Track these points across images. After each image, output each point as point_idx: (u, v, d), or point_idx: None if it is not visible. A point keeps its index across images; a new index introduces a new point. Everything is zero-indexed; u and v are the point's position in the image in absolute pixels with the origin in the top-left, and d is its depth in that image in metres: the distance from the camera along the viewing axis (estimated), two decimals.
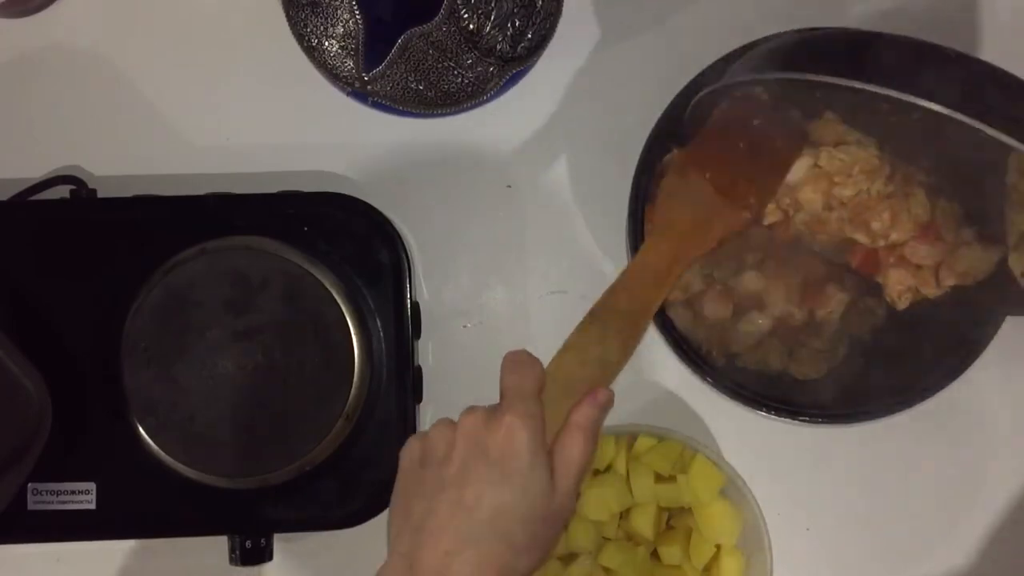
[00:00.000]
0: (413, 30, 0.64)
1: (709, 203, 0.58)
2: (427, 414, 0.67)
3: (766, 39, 0.60)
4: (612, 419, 0.67)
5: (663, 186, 0.61)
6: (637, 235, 0.61)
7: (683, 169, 0.60)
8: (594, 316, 0.52)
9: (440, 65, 0.65)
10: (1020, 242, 0.58)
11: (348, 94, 0.66)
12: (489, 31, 0.64)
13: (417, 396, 0.64)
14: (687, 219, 0.58)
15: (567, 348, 0.51)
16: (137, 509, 0.62)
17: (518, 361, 0.49)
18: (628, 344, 0.52)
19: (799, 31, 0.61)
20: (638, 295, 0.54)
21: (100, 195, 0.65)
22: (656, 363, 0.68)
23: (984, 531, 0.69)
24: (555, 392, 0.49)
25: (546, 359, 0.67)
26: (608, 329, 0.51)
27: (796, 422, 0.61)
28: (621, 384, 0.68)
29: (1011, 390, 0.69)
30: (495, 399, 0.67)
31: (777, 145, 0.60)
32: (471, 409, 0.47)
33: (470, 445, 0.46)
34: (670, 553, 0.64)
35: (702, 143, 0.61)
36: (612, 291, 0.53)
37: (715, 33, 0.62)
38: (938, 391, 0.60)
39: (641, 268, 0.55)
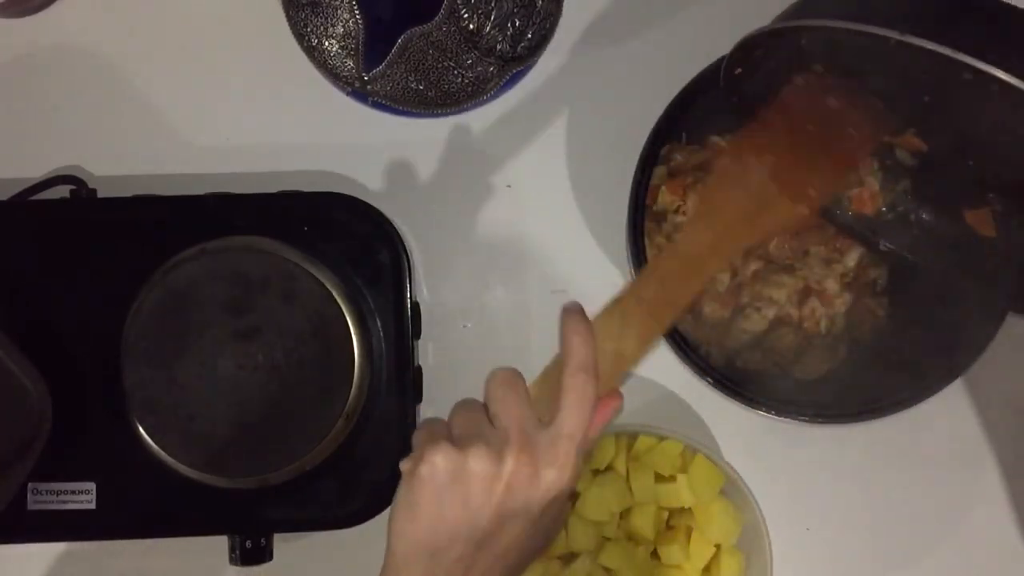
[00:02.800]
0: (413, 30, 0.64)
1: (763, 192, 0.52)
2: (427, 414, 0.67)
3: None
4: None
5: (715, 166, 0.55)
6: (637, 235, 0.61)
7: (740, 150, 0.54)
8: (616, 305, 0.48)
9: (440, 65, 0.65)
10: None
11: (348, 94, 0.66)
12: (489, 31, 0.64)
13: (417, 396, 0.64)
14: (735, 207, 0.51)
15: None
16: (137, 509, 0.62)
17: (585, 395, 0.44)
18: (647, 339, 0.47)
19: None
20: (667, 286, 0.48)
21: (100, 195, 0.65)
22: (656, 363, 0.68)
23: (984, 531, 0.69)
24: None
25: (546, 362, 0.68)
26: (628, 322, 0.47)
27: (796, 422, 0.61)
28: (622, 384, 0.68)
29: (1011, 390, 0.69)
30: None
31: (851, 132, 0.54)
32: (518, 451, 0.42)
33: (514, 499, 0.43)
34: (670, 553, 0.64)
35: (765, 123, 0.54)
36: (641, 279, 0.49)
37: (716, 33, 0.62)
38: (938, 391, 0.60)
39: (675, 256, 0.50)
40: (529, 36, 0.65)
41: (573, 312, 0.46)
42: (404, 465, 0.45)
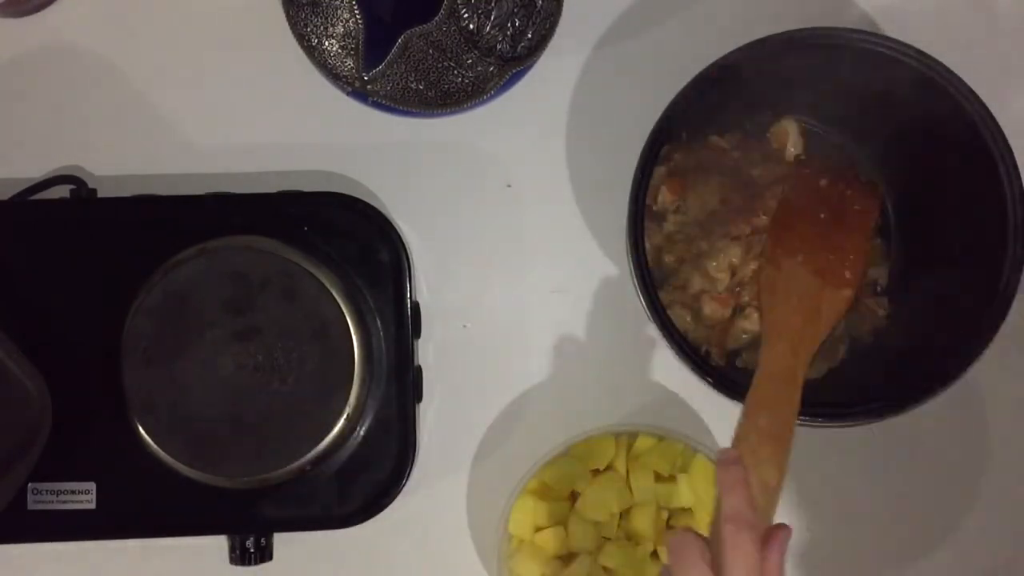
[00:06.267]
0: (413, 30, 0.64)
1: (811, 290, 0.57)
2: (427, 414, 0.67)
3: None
4: (612, 419, 0.67)
5: (761, 282, 0.59)
6: (637, 235, 0.61)
7: (775, 259, 0.58)
8: (742, 444, 0.51)
9: (440, 65, 0.65)
10: None
11: (348, 94, 0.66)
12: (489, 31, 0.64)
13: (417, 396, 0.64)
14: (798, 315, 0.56)
15: None
16: (137, 509, 0.62)
17: (738, 543, 0.45)
18: (782, 462, 0.50)
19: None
20: (775, 408, 0.52)
21: (100, 195, 0.65)
22: (656, 363, 0.68)
23: (984, 531, 0.69)
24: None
25: (546, 362, 0.68)
26: (759, 453, 0.50)
27: (796, 422, 0.61)
28: (622, 383, 0.68)
29: (1011, 389, 0.69)
30: (495, 399, 0.68)
31: (855, 207, 0.59)
32: None
33: None
34: None
35: (782, 225, 0.59)
36: (748, 413, 0.52)
37: (715, 33, 0.62)
38: (938, 391, 0.60)
39: (769, 380, 0.54)
40: (529, 36, 0.65)
41: (723, 463, 0.49)
42: None
